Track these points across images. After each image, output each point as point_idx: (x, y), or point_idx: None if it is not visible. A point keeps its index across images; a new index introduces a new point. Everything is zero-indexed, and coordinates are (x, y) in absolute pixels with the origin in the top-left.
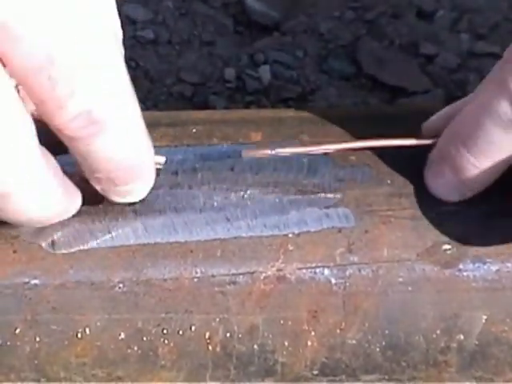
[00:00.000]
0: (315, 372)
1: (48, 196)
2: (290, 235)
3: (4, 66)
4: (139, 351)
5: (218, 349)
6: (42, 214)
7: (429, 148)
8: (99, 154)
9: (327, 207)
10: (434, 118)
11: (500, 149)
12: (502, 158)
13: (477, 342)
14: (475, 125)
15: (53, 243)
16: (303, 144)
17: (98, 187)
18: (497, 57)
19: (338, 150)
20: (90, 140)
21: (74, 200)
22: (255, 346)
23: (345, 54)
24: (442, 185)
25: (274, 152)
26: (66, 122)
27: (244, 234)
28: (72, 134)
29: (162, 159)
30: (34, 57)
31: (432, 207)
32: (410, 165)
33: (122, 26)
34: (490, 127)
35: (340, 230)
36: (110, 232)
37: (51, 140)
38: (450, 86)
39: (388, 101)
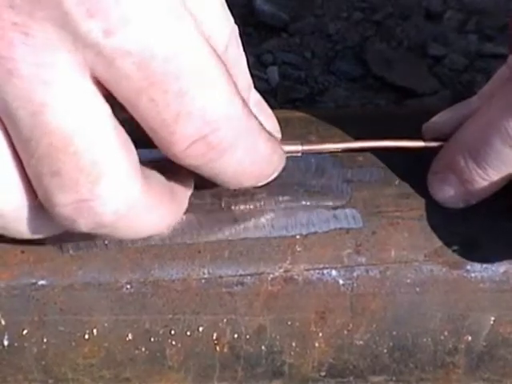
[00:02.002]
0: (323, 373)
1: (156, 210)
2: (298, 236)
3: (108, 93)
4: (147, 352)
5: (225, 350)
6: (157, 228)
7: (434, 150)
8: (227, 174)
9: (335, 208)
10: (434, 119)
11: (509, 164)
12: (510, 171)
13: (485, 344)
14: (484, 142)
15: (61, 245)
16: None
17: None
18: (505, 58)
19: (345, 150)
20: (214, 164)
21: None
22: (263, 347)
23: (353, 54)
24: (447, 193)
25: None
26: (182, 151)
27: (252, 235)
28: (193, 162)
29: (297, 147)
30: (133, 80)
31: (440, 208)
32: (418, 166)
33: None
34: (499, 145)
35: (348, 231)
36: None
37: None
38: (457, 87)
39: (396, 102)
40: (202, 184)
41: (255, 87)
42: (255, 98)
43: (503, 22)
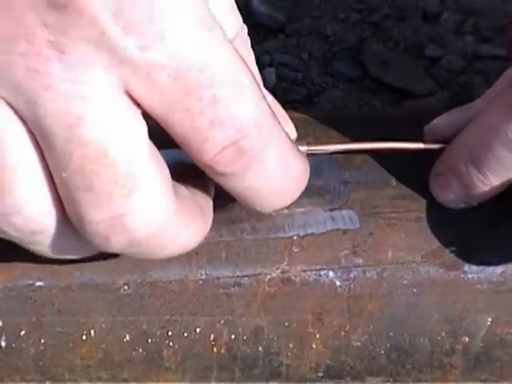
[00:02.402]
0: (320, 374)
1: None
2: (295, 237)
3: (138, 105)
4: (144, 353)
5: (222, 351)
6: (189, 245)
7: (434, 152)
8: (256, 188)
9: (332, 209)
10: (437, 122)
11: (510, 169)
12: (511, 176)
13: (482, 344)
14: (485, 147)
15: None
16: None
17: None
18: (502, 59)
19: (349, 151)
20: (246, 174)
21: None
22: (260, 348)
23: (350, 56)
24: (448, 194)
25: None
26: (213, 158)
27: (249, 236)
28: (222, 169)
29: (302, 148)
30: (168, 92)
31: (437, 209)
32: (415, 167)
33: None
34: (501, 151)
35: (345, 232)
36: None
37: None
38: (454, 88)
39: (393, 103)
40: None
41: None
42: (268, 99)
43: (500, 23)
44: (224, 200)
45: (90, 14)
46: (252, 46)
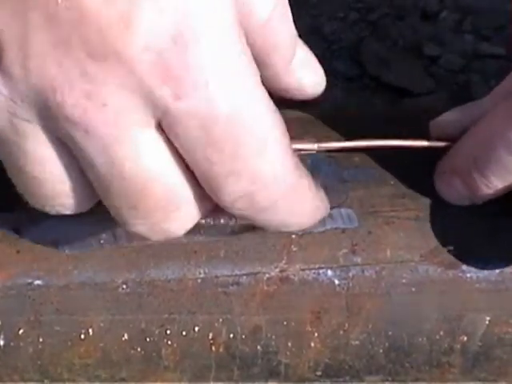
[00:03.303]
0: (318, 373)
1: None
2: (294, 236)
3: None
4: (142, 352)
5: (221, 350)
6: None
7: (436, 150)
8: (272, 224)
9: (331, 208)
10: (442, 118)
11: None
12: None
13: (480, 344)
14: (489, 151)
15: (57, 244)
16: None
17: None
18: (501, 58)
19: (356, 148)
20: (257, 217)
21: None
22: (258, 347)
23: (348, 55)
24: (452, 193)
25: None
26: (228, 204)
27: (247, 235)
28: (237, 213)
29: (313, 146)
30: (194, 138)
31: (436, 208)
32: (414, 166)
33: None
34: (505, 156)
35: (343, 231)
36: (113, 233)
37: None
38: (453, 87)
39: (392, 102)
40: None
41: None
42: (301, 55)
43: (499, 21)
44: None
45: (130, 64)
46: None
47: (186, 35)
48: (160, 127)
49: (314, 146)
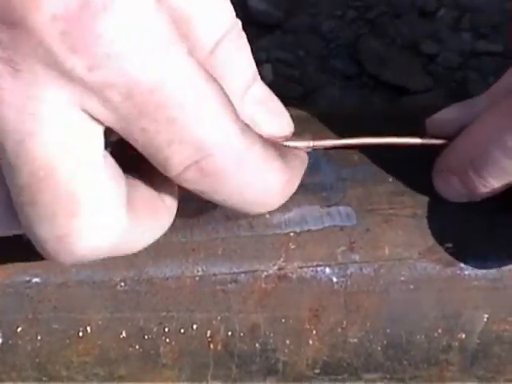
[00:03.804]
0: (317, 371)
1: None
2: (292, 234)
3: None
4: (141, 350)
5: (219, 347)
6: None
7: (433, 147)
8: (230, 200)
9: (329, 206)
10: (437, 117)
11: (509, 174)
12: (510, 179)
13: (478, 341)
14: (485, 153)
15: None
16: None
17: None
18: (498, 56)
19: (354, 146)
20: (215, 192)
21: None
22: (257, 345)
23: (346, 53)
24: (450, 191)
25: (312, 145)
26: (177, 176)
27: (245, 233)
28: (190, 186)
29: (308, 143)
30: (122, 111)
31: (434, 206)
32: (412, 163)
33: None
34: (500, 158)
35: (341, 229)
36: None
37: None
38: (451, 85)
39: (390, 100)
40: None
41: None
42: (258, 94)
43: (497, 19)
44: None
45: (39, 33)
46: (249, 42)
47: (94, 3)
48: (79, 106)
49: (310, 144)
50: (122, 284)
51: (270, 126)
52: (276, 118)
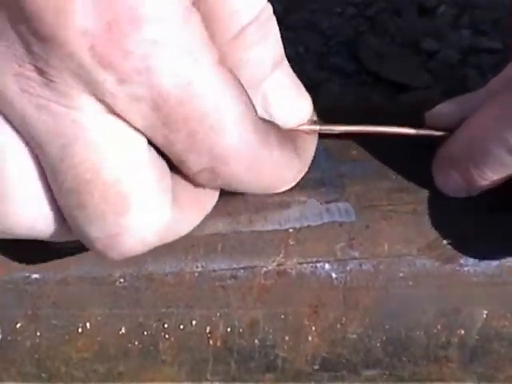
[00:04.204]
0: (316, 367)
1: None
2: (291, 230)
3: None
4: (140, 346)
5: (218, 344)
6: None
7: (433, 141)
8: (243, 188)
9: (328, 202)
10: (437, 110)
11: (508, 167)
12: (509, 172)
13: (478, 337)
14: (483, 147)
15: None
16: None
17: None
18: (498, 53)
19: (359, 133)
20: (228, 187)
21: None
22: (256, 341)
23: (346, 50)
24: (449, 184)
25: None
26: (193, 176)
27: (245, 229)
28: (206, 184)
29: (315, 127)
30: (148, 119)
31: (433, 202)
32: (411, 160)
33: None
34: (498, 152)
35: (341, 225)
36: None
37: None
38: (451, 81)
39: (389, 96)
40: None
41: None
42: (279, 80)
43: (497, 16)
44: (220, 192)
45: (70, 48)
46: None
47: (123, 21)
48: (114, 112)
49: (316, 128)
50: (122, 280)
51: (288, 112)
52: (295, 106)
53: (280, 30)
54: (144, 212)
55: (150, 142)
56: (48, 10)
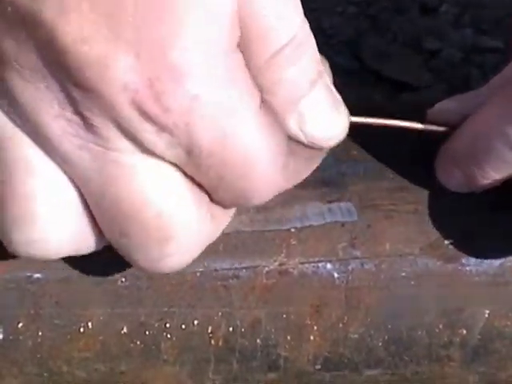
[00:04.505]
0: (318, 366)
1: None
2: (293, 230)
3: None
4: (142, 345)
5: (220, 343)
6: None
7: (435, 137)
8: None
9: (330, 201)
10: (439, 108)
11: (510, 165)
12: (511, 171)
13: (479, 337)
14: (485, 145)
15: None
16: None
17: None
18: (500, 52)
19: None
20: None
21: None
22: (258, 341)
23: (348, 49)
24: (451, 181)
25: None
26: (215, 202)
27: (247, 229)
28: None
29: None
30: (184, 164)
31: (435, 201)
32: (413, 159)
33: None
34: (500, 149)
35: (343, 225)
36: None
37: None
38: (453, 80)
39: (391, 95)
40: None
41: None
42: (314, 100)
43: (498, 15)
44: None
45: (110, 100)
46: None
47: (164, 78)
48: (153, 154)
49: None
50: (123, 279)
51: (324, 130)
52: (332, 123)
53: None
54: (185, 238)
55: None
56: (89, 63)
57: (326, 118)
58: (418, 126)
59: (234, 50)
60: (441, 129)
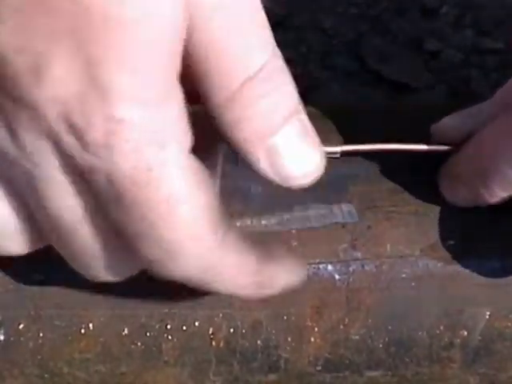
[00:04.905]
0: (318, 368)
1: None
2: (294, 231)
3: None
4: (143, 347)
5: (221, 344)
6: None
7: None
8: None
9: (331, 203)
10: (442, 124)
11: None
12: None
13: (480, 338)
14: (490, 164)
15: None
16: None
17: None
18: (501, 53)
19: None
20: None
21: None
22: (259, 342)
23: (348, 49)
24: (456, 196)
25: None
26: (143, 264)
27: (248, 230)
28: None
29: (336, 149)
30: (104, 192)
31: (436, 203)
32: (414, 160)
33: None
34: (506, 169)
35: (343, 226)
36: None
37: None
38: (453, 82)
39: (391, 97)
40: None
41: None
42: (288, 134)
43: (499, 16)
44: (222, 195)
45: (39, 111)
46: None
47: (91, 95)
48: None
49: (337, 150)
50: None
51: (299, 165)
52: (306, 159)
53: (282, 30)
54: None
55: None
56: (22, 73)
57: (300, 155)
58: (423, 147)
59: (171, 80)
60: (444, 148)
